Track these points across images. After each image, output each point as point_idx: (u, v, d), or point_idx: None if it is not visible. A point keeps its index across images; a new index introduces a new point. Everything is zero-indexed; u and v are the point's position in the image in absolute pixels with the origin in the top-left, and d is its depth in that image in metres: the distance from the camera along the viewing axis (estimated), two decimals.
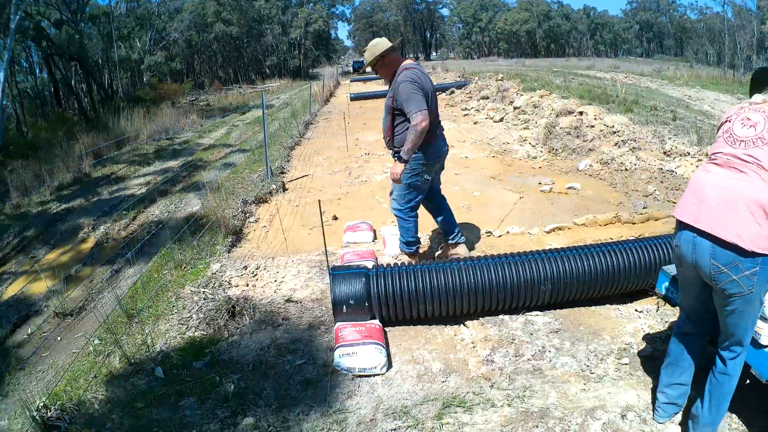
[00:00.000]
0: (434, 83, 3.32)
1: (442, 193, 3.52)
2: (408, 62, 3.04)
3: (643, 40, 67.60)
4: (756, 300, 1.64)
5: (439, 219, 3.49)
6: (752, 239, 1.55)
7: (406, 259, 3.41)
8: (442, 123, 3.31)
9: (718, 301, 1.72)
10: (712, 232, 1.61)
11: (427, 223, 3.69)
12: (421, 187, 3.16)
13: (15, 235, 5.95)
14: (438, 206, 3.46)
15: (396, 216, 3.30)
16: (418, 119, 2.81)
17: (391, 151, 3.18)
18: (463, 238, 3.54)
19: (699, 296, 1.82)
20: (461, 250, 3.48)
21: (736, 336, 1.71)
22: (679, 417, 1.99)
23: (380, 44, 3.01)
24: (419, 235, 3.41)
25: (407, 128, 2.93)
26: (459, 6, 66.40)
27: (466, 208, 4.74)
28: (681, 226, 1.74)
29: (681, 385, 1.95)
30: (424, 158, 3.04)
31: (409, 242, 3.32)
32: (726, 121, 1.77)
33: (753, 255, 1.56)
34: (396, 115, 3.01)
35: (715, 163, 1.71)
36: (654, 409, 2.02)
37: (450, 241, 3.51)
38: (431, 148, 3.05)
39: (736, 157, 1.64)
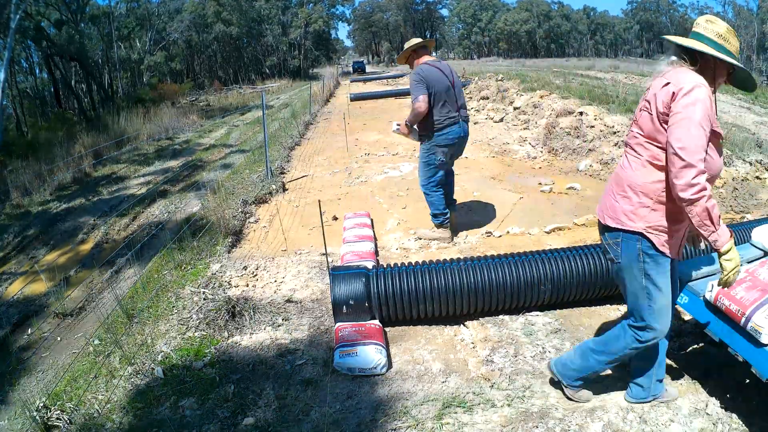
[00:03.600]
0: None
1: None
2: (425, 59, 3.65)
3: (643, 41, 67.61)
4: (629, 274, 1.79)
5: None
6: (610, 214, 1.81)
7: (437, 233, 3.88)
8: None
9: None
10: (601, 220, 1.89)
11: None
12: (438, 166, 3.68)
13: (15, 234, 5.95)
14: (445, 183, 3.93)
15: (423, 192, 3.85)
16: (415, 104, 3.47)
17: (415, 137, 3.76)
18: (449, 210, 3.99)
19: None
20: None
21: (630, 303, 1.86)
22: (674, 414, 2.00)
23: (411, 42, 3.69)
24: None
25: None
26: (459, 6, 66.44)
27: (467, 208, 4.74)
28: None
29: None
30: (435, 141, 3.60)
31: (436, 215, 3.83)
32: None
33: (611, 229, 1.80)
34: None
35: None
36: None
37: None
38: (443, 134, 3.57)
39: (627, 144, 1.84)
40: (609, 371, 2.31)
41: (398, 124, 3.75)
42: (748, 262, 2.10)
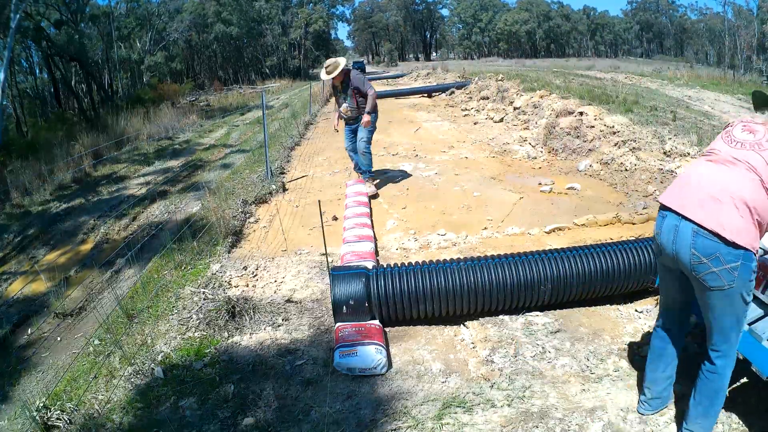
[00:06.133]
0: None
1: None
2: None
3: (643, 41, 67.60)
4: (737, 297, 1.63)
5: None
6: (733, 230, 1.57)
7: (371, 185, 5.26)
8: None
9: (698, 295, 1.73)
10: (695, 219, 1.64)
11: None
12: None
13: (15, 234, 5.96)
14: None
15: (366, 152, 5.17)
16: (373, 91, 5.00)
17: (354, 115, 5.13)
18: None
19: (680, 289, 1.84)
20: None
21: (718, 333, 1.70)
22: (674, 414, 2.00)
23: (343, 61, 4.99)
24: None
25: (364, 101, 5.02)
26: (459, 6, 66.43)
27: (466, 208, 4.74)
28: (664, 212, 1.77)
29: (664, 380, 1.97)
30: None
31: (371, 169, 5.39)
32: (728, 126, 1.82)
33: (734, 246, 1.57)
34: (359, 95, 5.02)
35: (708, 159, 1.75)
36: (639, 403, 2.05)
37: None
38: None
39: (730, 155, 1.68)
40: (609, 372, 2.31)
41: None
42: None
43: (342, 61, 4.97)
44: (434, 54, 70.73)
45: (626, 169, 5.61)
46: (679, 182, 1.79)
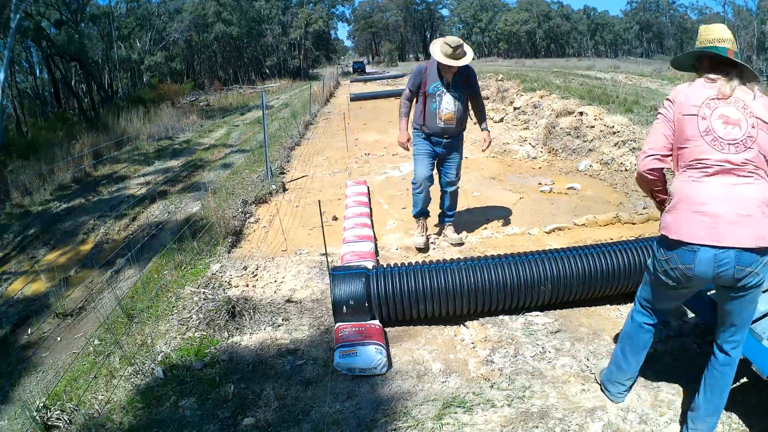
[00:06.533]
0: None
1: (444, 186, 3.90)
2: None
3: (643, 41, 67.66)
4: (762, 287, 1.68)
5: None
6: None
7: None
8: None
9: (727, 298, 1.71)
10: (736, 245, 1.57)
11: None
12: None
13: (15, 234, 5.96)
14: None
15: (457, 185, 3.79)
16: None
17: (456, 131, 3.55)
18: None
19: (681, 299, 1.90)
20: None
21: (741, 326, 1.73)
22: (674, 414, 2.00)
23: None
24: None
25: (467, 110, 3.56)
26: (459, 6, 66.51)
27: (466, 208, 4.74)
28: (693, 246, 1.63)
29: (631, 375, 2.04)
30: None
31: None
32: (693, 115, 1.68)
33: None
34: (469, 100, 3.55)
35: (709, 174, 1.64)
36: (614, 393, 2.08)
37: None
38: None
39: (731, 162, 1.61)
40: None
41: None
42: None
43: (470, 51, 3.37)
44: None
45: (626, 169, 5.61)
46: (693, 210, 1.64)
